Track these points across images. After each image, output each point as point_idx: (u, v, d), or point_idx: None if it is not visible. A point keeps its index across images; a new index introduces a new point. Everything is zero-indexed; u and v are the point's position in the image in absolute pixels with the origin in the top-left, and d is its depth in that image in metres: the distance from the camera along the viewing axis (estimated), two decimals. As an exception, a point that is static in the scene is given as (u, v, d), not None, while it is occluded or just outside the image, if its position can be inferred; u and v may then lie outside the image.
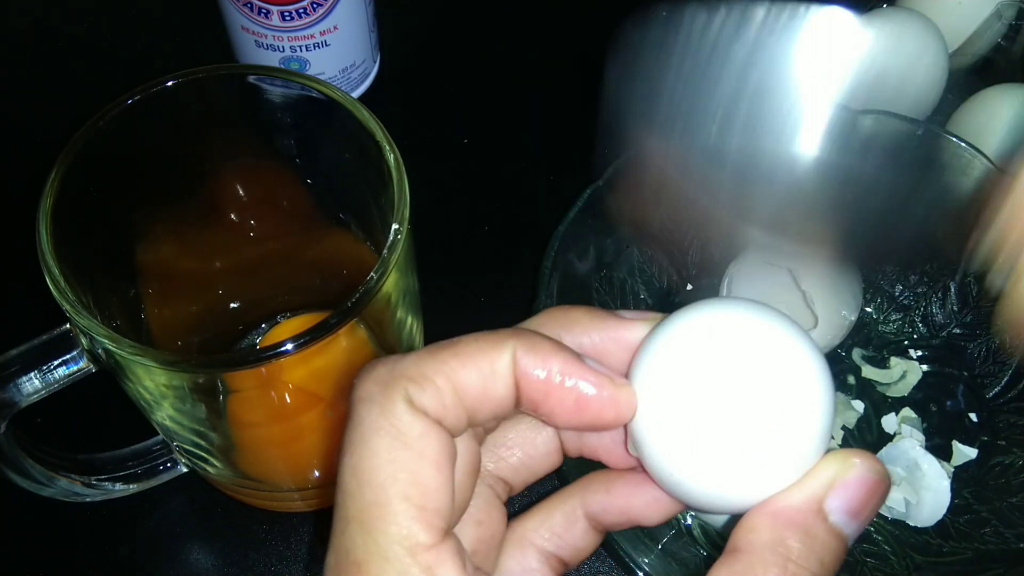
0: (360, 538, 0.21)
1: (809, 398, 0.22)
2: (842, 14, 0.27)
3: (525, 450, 0.26)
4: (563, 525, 0.26)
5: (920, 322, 0.44)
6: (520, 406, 0.23)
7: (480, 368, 0.22)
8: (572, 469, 0.30)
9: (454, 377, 0.22)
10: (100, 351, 0.31)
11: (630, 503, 0.25)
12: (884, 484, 0.23)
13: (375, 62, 0.54)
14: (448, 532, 0.21)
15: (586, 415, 0.23)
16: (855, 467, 0.22)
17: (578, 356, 0.23)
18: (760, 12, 0.28)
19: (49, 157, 0.32)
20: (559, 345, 0.23)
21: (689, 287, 0.46)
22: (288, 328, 0.39)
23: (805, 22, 0.26)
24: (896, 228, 0.41)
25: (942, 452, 0.41)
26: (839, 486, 0.22)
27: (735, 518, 0.23)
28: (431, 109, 0.55)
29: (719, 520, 0.35)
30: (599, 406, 0.22)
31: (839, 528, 0.22)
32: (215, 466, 0.37)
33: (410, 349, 0.37)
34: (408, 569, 0.20)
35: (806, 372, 0.23)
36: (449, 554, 0.21)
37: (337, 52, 0.50)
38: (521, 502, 0.33)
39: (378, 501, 0.21)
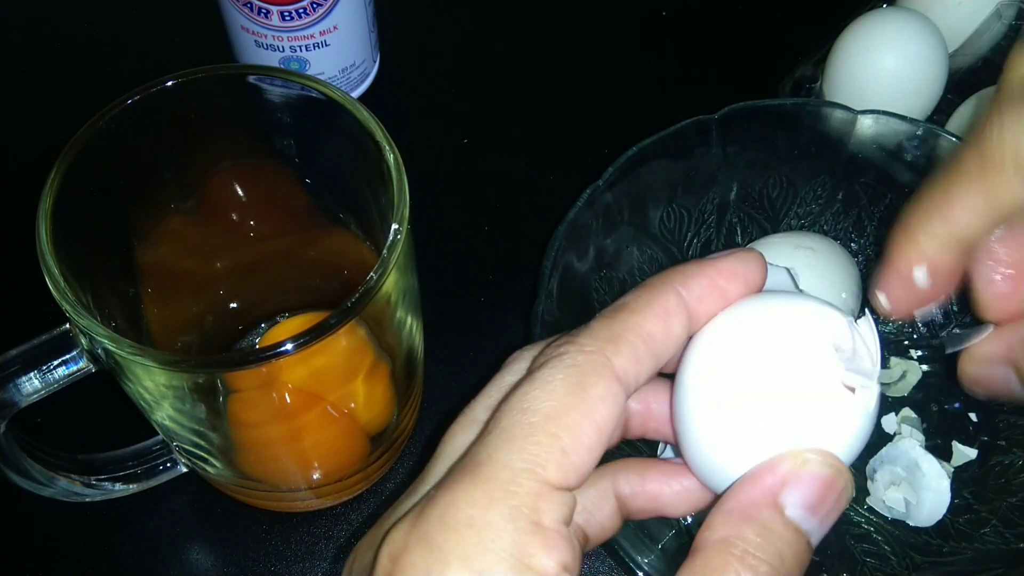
0: (495, 445, 0.21)
1: (819, 384, 0.23)
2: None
3: None
4: (594, 501, 0.26)
5: (920, 322, 0.44)
6: (691, 332, 0.25)
7: (657, 314, 0.23)
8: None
9: (641, 331, 0.23)
10: (100, 351, 0.31)
11: (662, 490, 0.26)
12: (841, 480, 0.23)
13: (375, 62, 0.54)
14: (570, 490, 0.21)
15: (748, 278, 0.25)
16: (809, 462, 0.23)
17: (704, 259, 0.25)
18: None
19: (49, 157, 0.32)
20: (696, 262, 0.25)
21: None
22: (288, 328, 0.39)
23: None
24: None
25: (942, 452, 0.41)
26: (794, 480, 0.22)
27: None
28: (431, 109, 0.55)
29: None
30: (744, 268, 0.25)
31: (797, 523, 0.22)
32: (215, 466, 0.37)
33: (410, 349, 0.37)
34: (520, 490, 0.20)
35: (820, 357, 0.23)
36: (563, 504, 0.21)
37: (337, 52, 0.50)
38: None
39: (533, 424, 0.21)
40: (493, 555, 0.20)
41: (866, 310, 0.37)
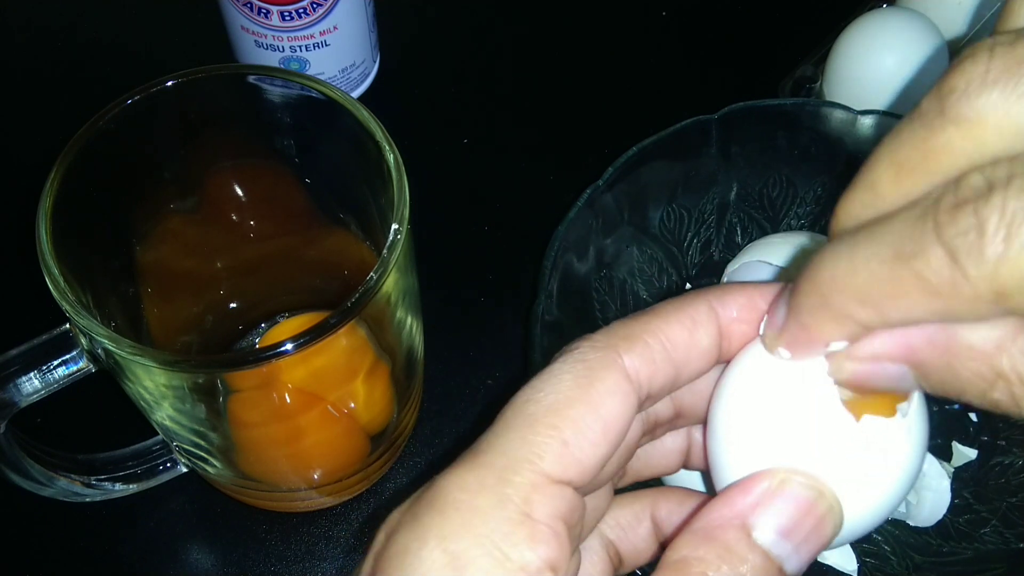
0: (495, 434, 0.21)
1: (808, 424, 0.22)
2: None
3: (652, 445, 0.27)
4: (629, 520, 0.26)
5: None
6: (727, 353, 0.23)
7: (682, 321, 0.22)
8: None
9: (660, 333, 0.22)
10: (100, 351, 0.31)
11: None
12: (821, 504, 0.21)
13: (375, 62, 0.54)
14: (575, 488, 0.21)
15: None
16: (787, 483, 0.21)
17: (751, 283, 0.24)
18: None
19: (49, 157, 0.32)
20: (737, 283, 0.24)
21: (688, 287, 0.46)
22: (288, 328, 0.39)
23: None
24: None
25: (942, 452, 0.41)
26: (767, 501, 0.21)
27: None
28: (431, 109, 0.55)
29: None
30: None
31: (766, 547, 0.21)
32: (215, 466, 0.37)
33: (410, 349, 0.37)
34: (514, 479, 0.20)
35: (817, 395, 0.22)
36: (560, 500, 0.20)
37: (337, 52, 0.50)
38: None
39: (534, 415, 0.21)
40: (472, 538, 0.19)
41: None
